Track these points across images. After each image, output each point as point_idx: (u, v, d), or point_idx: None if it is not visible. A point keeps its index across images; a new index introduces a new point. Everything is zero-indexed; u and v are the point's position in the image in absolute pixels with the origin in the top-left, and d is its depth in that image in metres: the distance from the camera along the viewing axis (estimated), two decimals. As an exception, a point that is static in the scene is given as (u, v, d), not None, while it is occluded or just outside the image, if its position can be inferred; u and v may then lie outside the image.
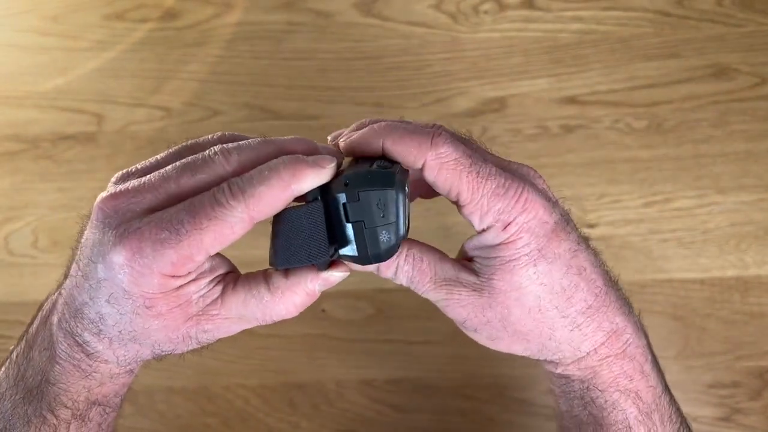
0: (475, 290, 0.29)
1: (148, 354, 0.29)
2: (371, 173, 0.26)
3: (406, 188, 0.28)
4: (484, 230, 0.28)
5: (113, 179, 0.29)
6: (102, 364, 0.29)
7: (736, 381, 0.55)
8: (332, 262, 0.29)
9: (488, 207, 0.27)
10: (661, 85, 0.60)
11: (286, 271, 0.29)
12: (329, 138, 0.31)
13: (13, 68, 0.64)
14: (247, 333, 0.58)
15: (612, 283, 0.30)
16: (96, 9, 0.64)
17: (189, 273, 0.27)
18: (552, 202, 0.29)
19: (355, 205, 0.26)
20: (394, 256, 0.29)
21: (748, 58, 0.60)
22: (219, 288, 0.29)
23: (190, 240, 0.25)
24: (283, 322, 0.55)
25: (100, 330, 0.28)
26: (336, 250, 0.28)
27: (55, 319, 0.29)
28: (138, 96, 0.62)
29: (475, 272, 0.29)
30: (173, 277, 0.26)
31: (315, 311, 0.57)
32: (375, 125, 0.28)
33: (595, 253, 0.30)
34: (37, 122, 0.62)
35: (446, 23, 0.62)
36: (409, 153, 0.27)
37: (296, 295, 0.30)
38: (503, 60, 0.61)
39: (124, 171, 0.29)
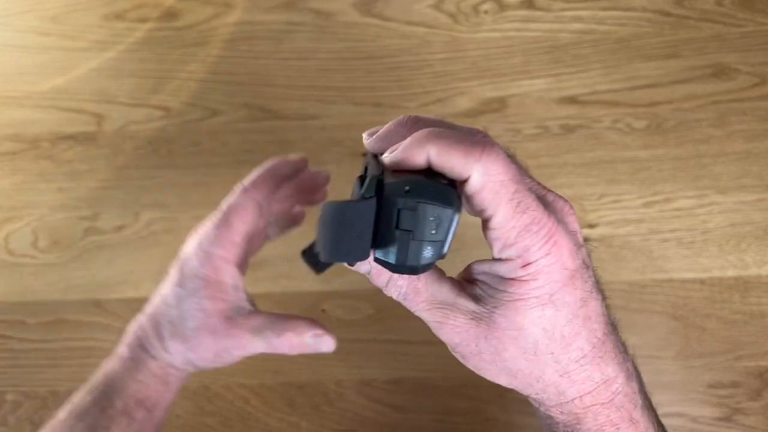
0: (472, 319, 0.27)
1: (187, 358, 0.35)
2: (434, 186, 0.25)
3: (462, 208, 0.26)
4: (500, 259, 0.27)
5: None
6: (151, 359, 0.35)
7: (736, 381, 0.55)
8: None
9: (515, 240, 0.25)
10: (661, 85, 0.60)
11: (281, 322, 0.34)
12: (364, 136, 0.30)
13: (13, 68, 0.64)
14: (247, 333, 0.58)
15: (611, 329, 0.29)
16: (96, 9, 0.64)
17: (236, 269, 0.35)
18: (578, 246, 0.27)
19: (409, 213, 0.25)
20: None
21: (748, 58, 0.60)
22: (249, 309, 0.35)
23: (225, 227, 0.35)
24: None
25: (158, 321, 0.35)
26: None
27: (133, 324, 0.37)
28: (138, 96, 0.62)
29: (475, 298, 0.28)
30: (225, 261, 0.34)
31: (315, 311, 0.57)
32: (418, 135, 0.26)
33: (602, 298, 0.29)
34: (37, 122, 0.62)
35: (446, 23, 0.62)
36: (455, 166, 0.25)
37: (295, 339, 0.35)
38: (503, 60, 0.61)
39: None
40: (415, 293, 0.29)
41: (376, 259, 0.27)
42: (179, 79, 0.63)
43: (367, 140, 0.30)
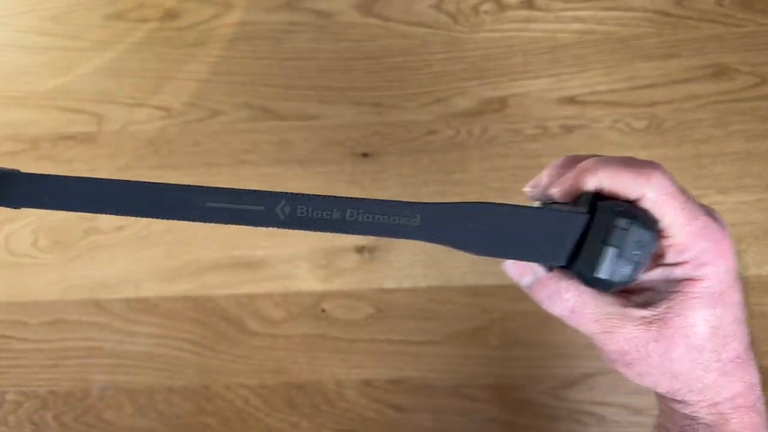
0: (642, 324, 0.29)
1: None
2: (641, 211, 0.28)
3: None
4: (673, 264, 0.29)
5: None
6: None
7: (736, 381, 0.55)
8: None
9: (692, 244, 0.28)
10: (661, 85, 0.60)
11: None
12: (527, 190, 0.33)
13: (13, 68, 0.64)
14: (247, 333, 0.58)
15: (749, 337, 0.32)
16: (96, 9, 0.64)
17: None
18: (735, 252, 0.30)
19: (620, 232, 0.27)
20: (554, 283, 0.30)
21: (748, 58, 0.60)
22: None
23: None
24: (283, 322, 0.55)
25: None
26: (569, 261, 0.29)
27: None
28: (138, 96, 0.62)
29: (643, 305, 0.29)
30: None
31: (315, 311, 0.57)
32: (586, 164, 0.29)
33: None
34: (37, 122, 0.62)
35: (446, 23, 0.62)
36: (627, 187, 0.28)
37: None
38: (503, 60, 0.61)
39: None
40: (582, 306, 0.30)
41: (574, 271, 0.29)
42: (179, 79, 0.63)
43: (531, 193, 0.32)
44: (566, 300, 0.30)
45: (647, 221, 0.28)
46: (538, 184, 0.32)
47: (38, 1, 0.64)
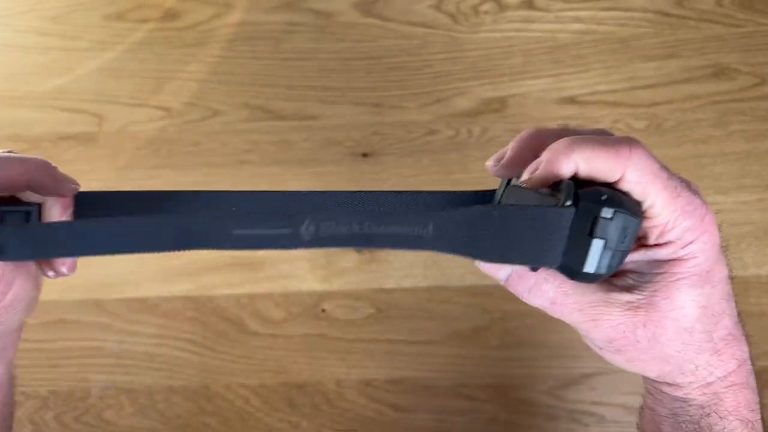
0: (628, 309, 0.28)
1: None
2: (625, 197, 0.26)
3: None
4: (657, 245, 0.27)
5: None
6: None
7: (736, 381, 0.55)
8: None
9: (675, 223, 0.27)
10: (661, 85, 0.60)
11: None
12: (489, 164, 0.30)
13: (13, 68, 0.64)
14: (247, 333, 0.58)
15: (738, 313, 0.31)
16: (96, 9, 0.64)
17: None
18: (718, 226, 0.28)
19: (605, 222, 0.25)
20: (533, 274, 0.28)
21: (748, 58, 0.60)
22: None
23: None
24: (283, 322, 0.55)
25: None
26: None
27: None
28: (138, 96, 0.62)
29: (627, 289, 0.28)
30: None
31: (315, 311, 0.57)
32: (560, 146, 0.27)
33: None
34: (37, 122, 0.62)
35: (446, 23, 0.62)
36: (607, 166, 0.26)
37: None
38: (503, 60, 0.61)
39: None
40: (564, 297, 0.28)
41: (561, 267, 0.27)
42: (179, 79, 0.63)
43: (493, 169, 0.30)
44: (546, 291, 0.28)
45: (631, 206, 0.26)
46: (501, 158, 0.30)
47: (38, 1, 0.64)
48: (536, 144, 0.29)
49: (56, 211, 0.32)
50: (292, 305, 0.58)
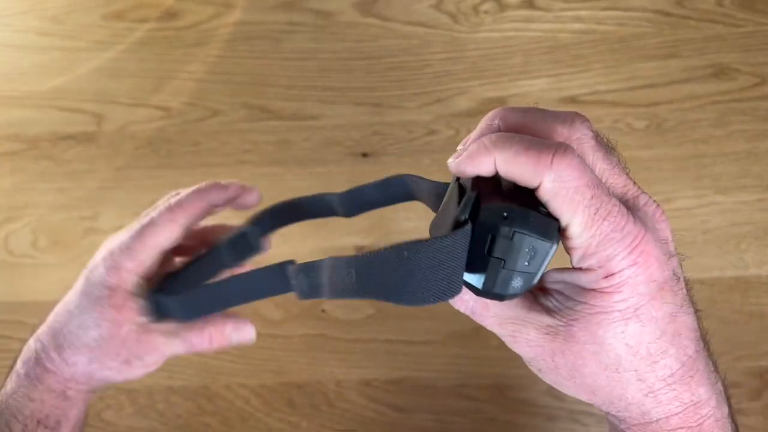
0: (547, 333, 0.25)
1: (83, 359, 0.33)
2: (535, 217, 0.23)
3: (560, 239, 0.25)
4: (580, 269, 0.25)
5: None
6: (45, 372, 0.34)
7: (736, 381, 0.55)
8: None
9: (596, 249, 0.23)
10: (661, 85, 0.60)
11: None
12: (451, 162, 0.27)
13: (13, 68, 0.64)
14: (247, 333, 0.58)
15: (703, 347, 0.27)
16: (95, 9, 0.64)
17: (145, 280, 0.34)
18: (668, 256, 0.25)
19: (504, 241, 0.23)
20: None
21: (748, 58, 0.60)
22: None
23: (140, 241, 0.34)
24: (283, 322, 0.55)
25: (59, 329, 0.34)
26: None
27: (30, 338, 0.36)
28: (138, 96, 0.62)
29: (549, 311, 0.26)
30: (134, 273, 0.33)
31: (315, 311, 0.57)
32: (485, 140, 0.24)
33: (695, 311, 0.27)
34: (37, 122, 0.62)
35: (446, 23, 0.62)
36: (524, 173, 0.23)
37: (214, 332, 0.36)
38: (503, 60, 0.61)
39: None
40: (483, 308, 0.27)
41: (463, 282, 0.25)
42: (179, 79, 0.63)
43: (452, 164, 0.26)
44: (466, 301, 0.27)
45: (540, 225, 0.23)
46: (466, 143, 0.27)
47: (37, 1, 0.64)
48: (505, 125, 0.26)
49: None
50: (292, 305, 0.57)
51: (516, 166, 0.23)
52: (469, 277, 0.25)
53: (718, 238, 0.57)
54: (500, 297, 0.25)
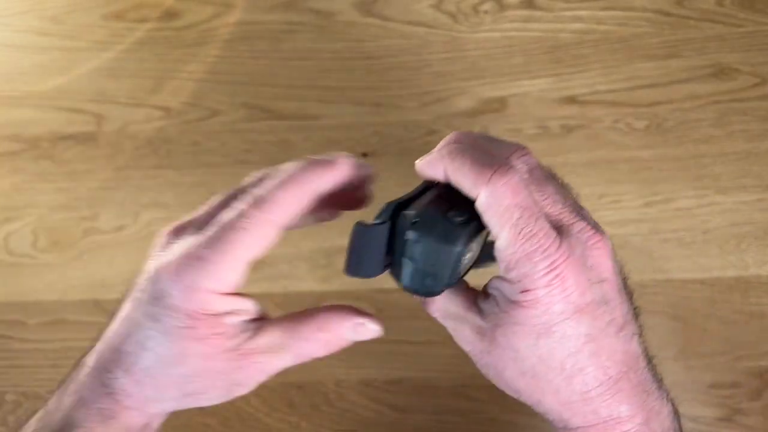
0: (478, 333, 0.28)
1: (173, 394, 0.28)
2: (442, 223, 0.26)
3: (475, 243, 0.28)
4: (507, 280, 0.27)
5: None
6: (124, 409, 0.28)
7: (736, 381, 0.55)
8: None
9: (516, 265, 0.26)
10: (661, 85, 0.60)
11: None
12: (418, 163, 0.31)
13: (13, 68, 0.64)
14: (247, 333, 0.58)
15: (639, 368, 0.28)
16: (95, 9, 0.64)
17: (230, 295, 0.27)
18: (592, 282, 0.27)
19: (414, 244, 0.27)
20: None
21: (748, 58, 0.60)
22: (255, 324, 0.29)
23: (223, 253, 0.26)
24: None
25: (133, 363, 0.27)
26: (386, 269, 0.29)
27: (89, 360, 0.30)
28: (137, 96, 0.62)
29: (483, 313, 0.28)
30: (217, 293, 0.27)
31: (315, 311, 0.57)
32: (442, 149, 0.27)
33: (632, 335, 0.28)
34: (37, 122, 0.62)
35: (446, 23, 0.62)
36: (464, 185, 0.26)
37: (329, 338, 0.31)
38: (503, 60, 0.61)
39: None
40: (429, 302, 0.30)
41: (392, 276, 0.29)
42: (179, 79, 0.62)
43: (416, 164, 0.29)
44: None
45: (446, 231, 0.26)
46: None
47: (37, 1, 0.64)
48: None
49: None
50: (292, 305, 0.57)
51: (459, 177, 0.26)
52: (394, 274, 0.29)
53: (718, 238, 0.57)
54: (420, 293, 0.28)
